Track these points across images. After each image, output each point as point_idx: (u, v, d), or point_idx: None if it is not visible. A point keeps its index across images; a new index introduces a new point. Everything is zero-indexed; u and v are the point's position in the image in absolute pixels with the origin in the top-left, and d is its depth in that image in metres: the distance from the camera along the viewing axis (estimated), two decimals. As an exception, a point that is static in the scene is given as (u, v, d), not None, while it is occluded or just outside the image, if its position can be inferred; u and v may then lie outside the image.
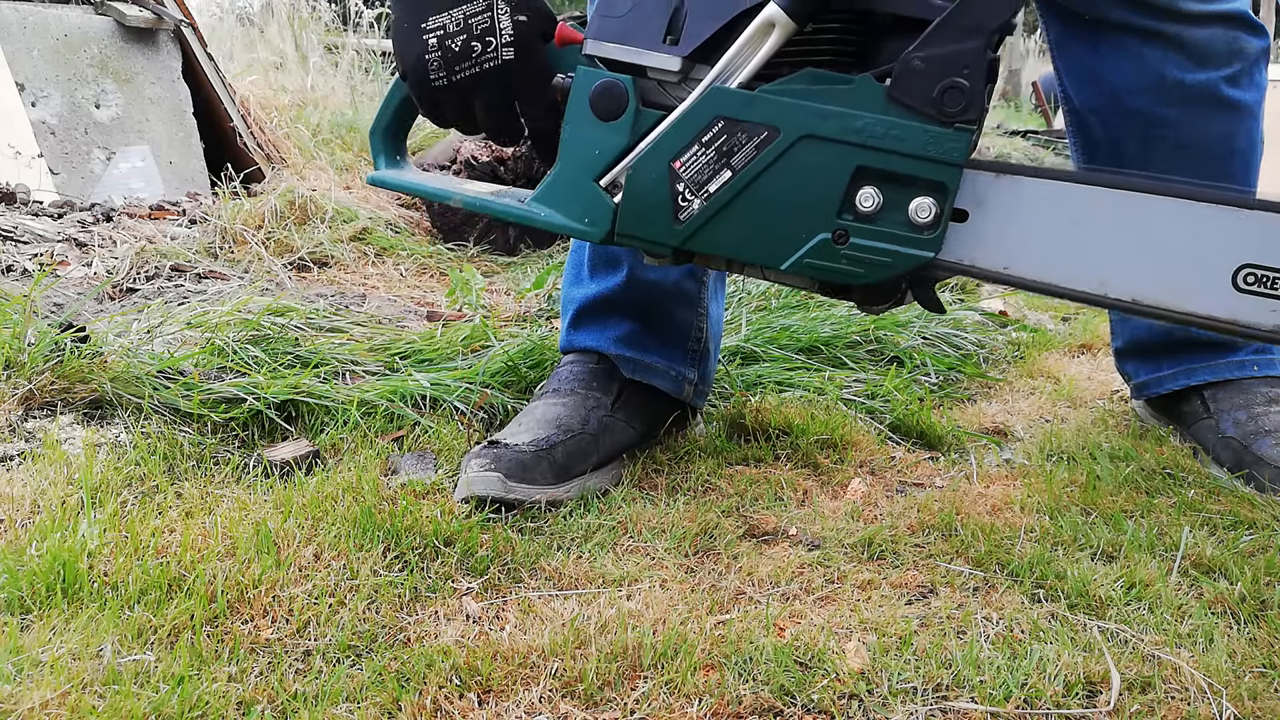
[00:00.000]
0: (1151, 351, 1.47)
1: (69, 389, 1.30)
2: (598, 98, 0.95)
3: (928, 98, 0.88)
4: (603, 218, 0.97)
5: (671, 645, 0.84)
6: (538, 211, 1.00)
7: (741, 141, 0.93)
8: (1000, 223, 0.92)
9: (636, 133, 0.95)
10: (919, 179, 0.90)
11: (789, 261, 0.94)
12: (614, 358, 1.34)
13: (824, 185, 0.92)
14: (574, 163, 0.98)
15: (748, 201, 0.94)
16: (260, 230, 2.45)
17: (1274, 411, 1.34)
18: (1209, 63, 1.28)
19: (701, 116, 0.93)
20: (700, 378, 1.40)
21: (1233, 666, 0.85)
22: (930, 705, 0.80)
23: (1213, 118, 1.30)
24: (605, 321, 1.36)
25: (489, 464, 1.13)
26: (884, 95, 0.89)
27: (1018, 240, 0.93)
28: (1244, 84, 1.32)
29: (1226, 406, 1.37)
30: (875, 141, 0.90)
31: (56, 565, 0.89)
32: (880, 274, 0.94)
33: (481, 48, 0.97)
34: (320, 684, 0.79)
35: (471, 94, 0.99)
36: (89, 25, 3.16)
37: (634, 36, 0.95)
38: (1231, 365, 1.41)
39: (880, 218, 0.92)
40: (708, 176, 0.94)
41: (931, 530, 1.11)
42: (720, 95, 0.92)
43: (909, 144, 0.89)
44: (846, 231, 0.92)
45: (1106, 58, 1.31)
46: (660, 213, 0.96)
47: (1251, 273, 0.87)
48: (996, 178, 0.92)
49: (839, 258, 0.93)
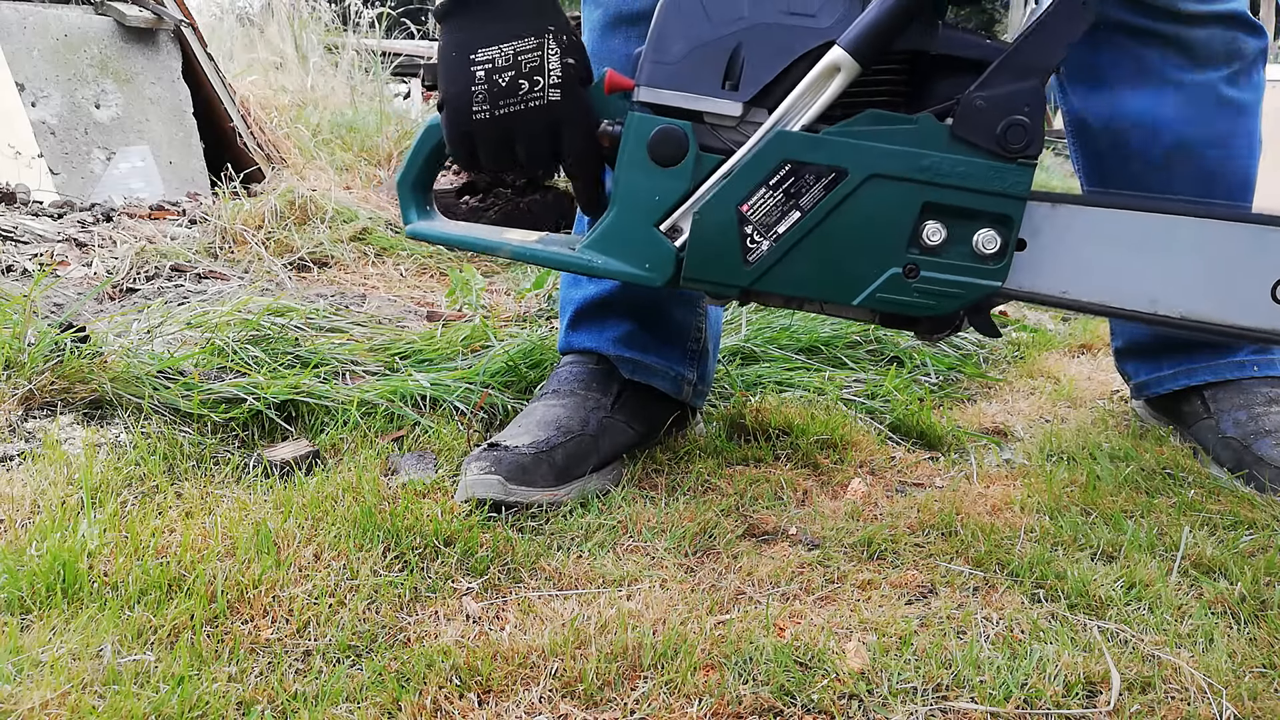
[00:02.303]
0: (1151, 351, 1.47)
1: (69, 389, 1.30)
2: (657, 144, 0.96)
3: (991, 135, 0.92)
4: (665, 263, 0.99)
5: (671, 645, 0.84)
6: (593, 259, 1.01)
7: (809, 183, 0.94)
8: (1057, 250, 0.97)
9: (697, 178, 0.97)
10: (984, 212, 0.94)
11: (861, 297, 0.97)
12: (613, 358, 1.34)
13: (893, 222, 0.95)
14: (632, 209, 0.99)
15: (818, 241, 0.96)
16: (260, 230, 2.45)
17: (1274, 412, 1.34)
18: (1208, 63, 1.29)
19: (768, 160, 0.94)
20: (699, 378, 1.40)
21: (1233, 666, 0.85)
22: (930, 705, 0.80)
23: (1212, 118, 1.30)
24: (604, 322, 1.36)
25: (489, 466, 1.13)
26: (947, 133, 0.93)
27: (1074, 266, 0.97)
28: (1242, 84, 1.32)
29: (1227, 406, 1.37)
30: (942, 178, 0.93)
31: (56, 565, 0.89)
32: (951, 304, 0.97)
33: (529, 86, 0.98)
34: (320, 684, 0.79)
35: (513, 131, 0.99)
36: (89, 25, 3.16)
37: (690, 82, 0.96)
38: (1232, 365, 1.41)
39: (946, 250, 0.95)
40: (776, 218, 0.95)
41: (931, 530, 1.11)
42: (786, 139, 0.94)
43: (975, 179, 0.93)
44: (917, 265, 0.96)
45: (1105, 58, 1.31)
46: (729, 256, 0.97)
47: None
48: (1053, 207, 0.97)
49: (910, 291, 0.96)
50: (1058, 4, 0.89)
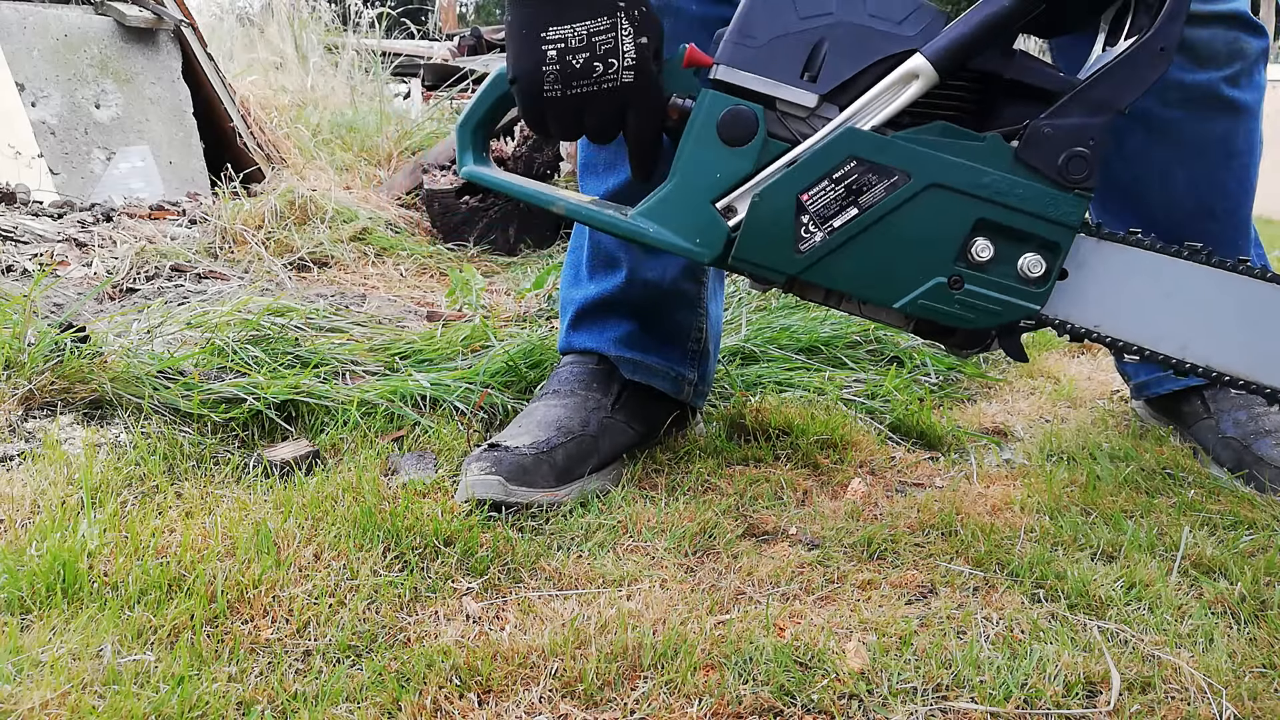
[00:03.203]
0: None
1: (69, 389, 1.30)
2: (727, 123, 0.97)
3: (1053, 163, 0.94)
4: (716, 240, 1.00)
5: (671, 645, 0.84)
6: (645, 227, 1.01)
7: (872, 182, 0.96)
8: (1097, 285, 1.00)
9: (761, 161, 0.98)
10: (1034, 236, 0.96)
11: (903, 301, 0.99)
12: (613, 359, 1.34)
13: (947, 232, 0.97)
14: (691, 183, 1.00)
15: (871, 239, 0.97)
16: (260, 230, 2.45)
17: (1274, 412, 1.34)
18: (1209, 63, 1.28)
19: (835, 154, 0.96)
20: (700, 378, 1.40)
21: (1233, 666, 0.85)
22: (930, 705, 0.80)
23: (1213, 118, 1.30)
24: (604, 322, 1.36)
25: (490, 467, 1.13)
26: (1012, 155, 0.94)
27: (1111, 303, 1.00)
28: (1244, 84, 1.32)
29: (1227, 406, 1.37)
30: (1000, 198, 0.95)
31: (56, 565, 0.89)
32: (989, 320, 0.99)
33: (603, 68, 0.98)
34: (320, 684, 0.79)
35: (584, 110, 1.00)
36: (89, 25, 3.16)
37: (770, 68, 0.97)
38: None
39: (992, 268, 0.97)
40: (834, 211, 0.97)
41: (931, 530, 1.11)
42: (855, 136, 0.95)
43: (1031, 203, 0.95)
44: (962, 278, 0.98)
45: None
46: (782, 242, 0.98)
47: None
48: (1099, 243, 0.99)
49: (953, 302, 0.98)
50: (1139, 48, 0.91)
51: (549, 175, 2.71)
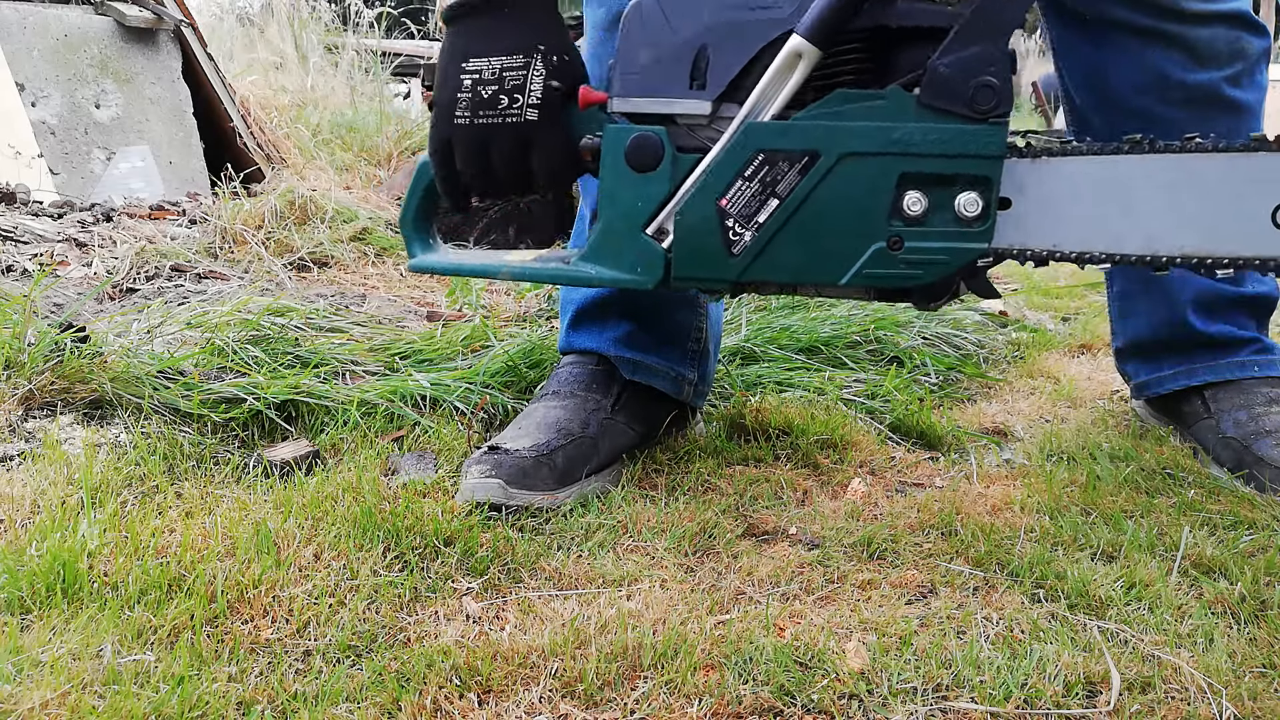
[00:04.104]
0: (1152, 352, 1.46)
1: (69, 389, 1.30)
2: (633, 152, 0.98)
3: (960, 99, 0.92)
4: (654, 265, 1.00)
5: (671, 645, 0.84)
6: (588, 270, 1.03)
7: (784, 170, 0.96)
8: (1043, 205, 0.97)
9: (676, 179, 0.98)
10: (962, 176, 0.94)
11: (848, 275, 0.98)
12: (613, 359, 1.34)
13: (872, 197, 0.95)
14: (618, 217, 1.00)
15: (799, 225, 0.97)
16: (260, 230, 2.45)
17: (1274, 412, 1.33)
18: (1211, 63, 1.28)
19: (741, 153, 0.96)
20: (700, 378, 1.40)
21: (1233, 666, 0.85)
22: (930, 705, 0.80)
23: (1214, 118, 1.30)
24: (604, 323, 1.36)
25: (490, 470, 1.13)
26: (916, 103, 0.93)
27: (1062, 218, 0.97)
28: (1245, 84, 1.32)
29: (1227, 406, 1.37)
30: (915, 148, 0.93)
31: (56, 565, 0.89)
32: (939, 271, 0.97)
33: (508, 101, 1.00)
34: (320, 684, 0.79)
35: (488, 142, 1.01)
36: (89, 25, 3.16)
37: (659, 88, 0.97)
38: (1233, 365, 1.41)
39: (929, 219, 0.95)
40: (755, 208, 0.97)
41: (931, 530, 1.11)
42: (757, 130, 0.95)
43: (948, 146, 0.93)
44: (900, 237, 0.96)
45: (1108, 58, 1.30)
46: (713, 251, 0.98)
47: None
48: (1033, 162, 0.96)
49: (897, 263, 0.97)
50: None
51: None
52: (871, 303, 1.96)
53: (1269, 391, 1.38)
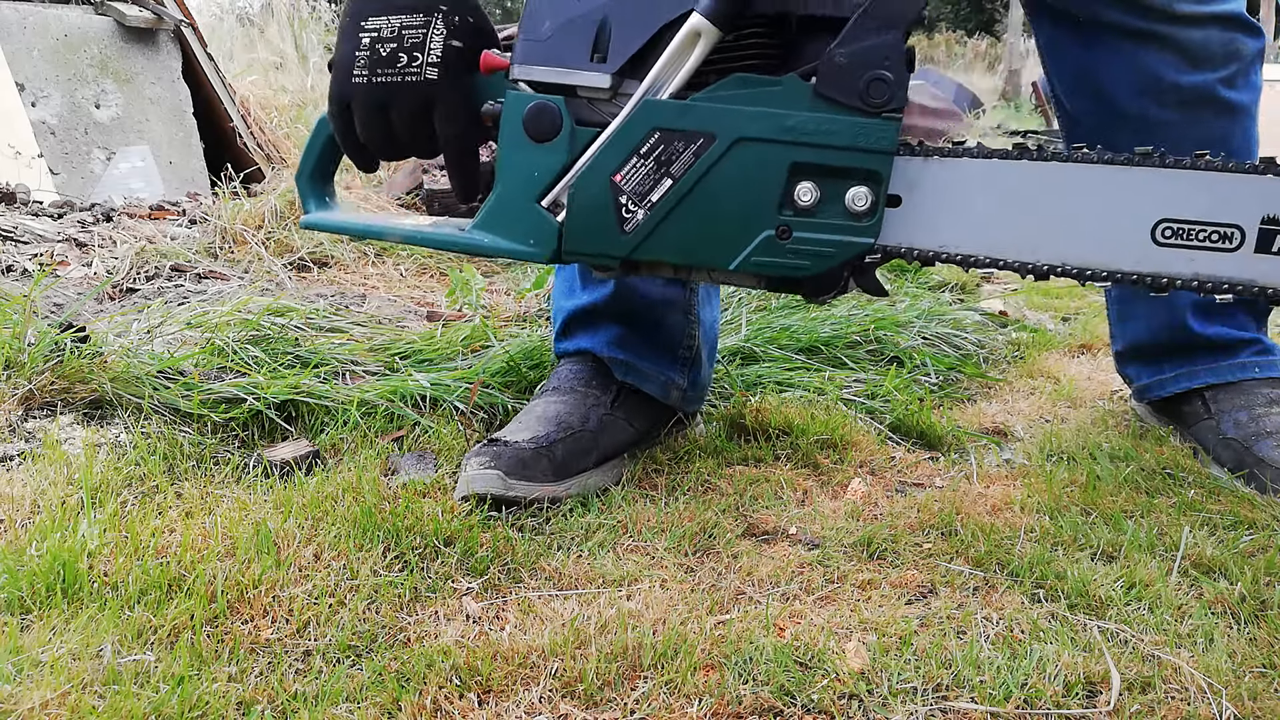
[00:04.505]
0: (1152, 355, 1.47)
1: (69, 389, 1.30)
2: (531, 120, 0.97)
3: (853, 91, 0.92)
4: (547, 238, 0.99)
5: (671, 645, 0.84)
6: (480, 238, 1.01)
7: (679, 150, 0.95)
8: (932, 204, 0.97)
9: (573, 151, 0.97)
10: (853, 169, 0.94)
11: (736, 261, 0.98)
12: (606, 359, 1.34)
13: (763, 184, 0.95)
14: (513, 186, 0.99)
15: (691, 207, 0.97)
16: (260, 230, 2.45)
17: (1275, 413, 1.33)
18: (1205, 64, 1.28)
19: (637, 130, 0.95)
20: (690, 384, 1.40)
21: (1233, 666, 0.85)
22: (930, 705, 0.80)
23: (1210, 120, 1.30)
24: (596, 325, 1.37)
25: (489, 461, 1.13)
26: (811, 93, 0.93)
27: (950, 219, 0.97)
28: (1240, 85, 1.31)
29: (1228, 407, 1.37)
30: (807, 138, 0.93)
31: (56, 565, 0.89)
32: (825, 264, 0.97)
33: (407, 60, 0.98)
34: (320, 684, 0.79)
35: (387, 101, 0.99)
36: (89, 25, 3.16)
37: (561, 58, 0.96)
38: (1234, 367, 1.41)
39: (820, 210, 0.96)
40: (649, 186, 0.96)
41: (931, 530, 1.11)
42: (654, 107, 0.95)
43: (840, 137, 0.93)
44: (789, 227, 0.96)
45: (1100, 60, 1.30)
46: (606, 226, 0.98)
47: (1169, 226, 0.94)
48: (925, 161, 0.96)
49: (784, 252, 0.97)
50: None
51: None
52: (872, 303, 1.96)
53: (1269, 392, 1.38)
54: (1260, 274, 0.94)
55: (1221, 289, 0.95)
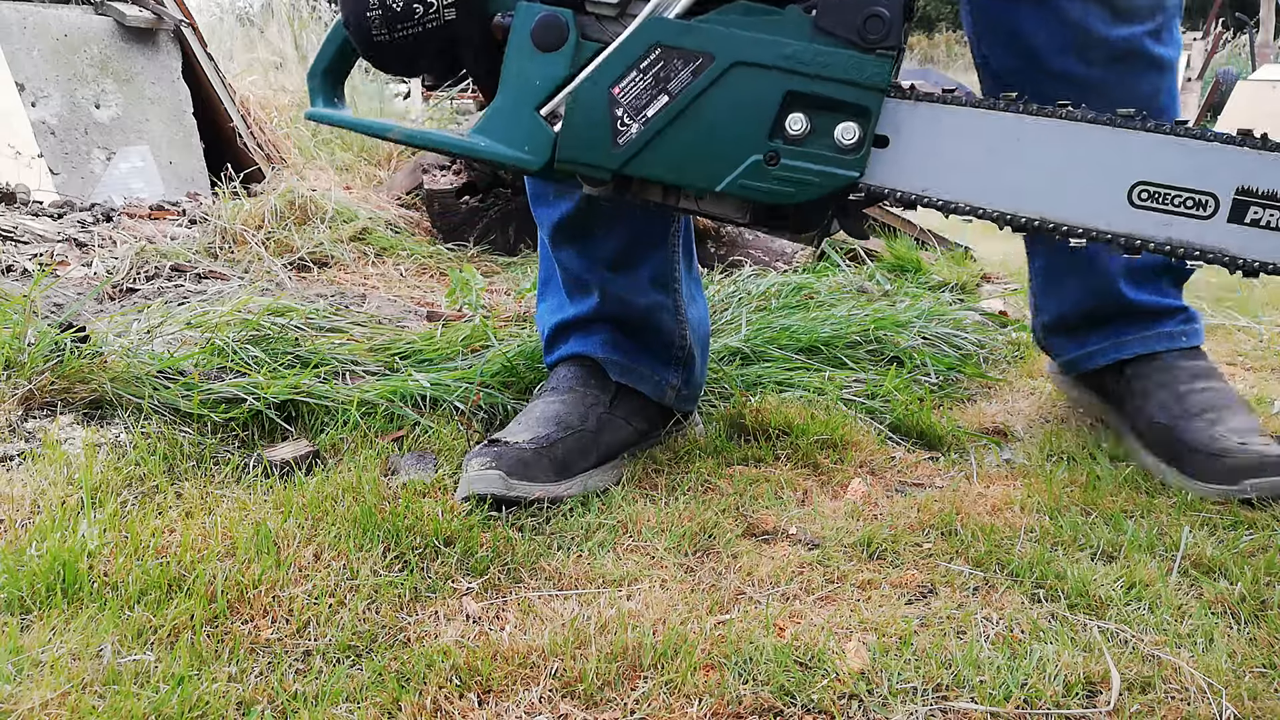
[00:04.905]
0: (1080, 326, 1.44)
1: (69, 389, 1.30)
2: (539, 30, 0.99)
3: (851, 26, 0.95)
4: (543, 146, 1.01)
5: (671, 645, 0.84)
6: (477, 142, 1.03)
7: (678, 68, 0.98)
8: (918, 148, 0.99)
9: (576, 64, 1.00)
10: (844, 103, 0.96)
11: (724, 182, 1.00)
12: (602, 361, 1.35)
13: (756, 109, 0.98)
14: (515, 94, 1.02)
15: (684, 125, 0.99)
16: (260, 230, 2.45)
17: (1198, 388, 1.32)
18: (1133, 16, 1.23)
19: (639, 44, 0.98)
20: (684, 383, 1.40)
21: (1233, 666, 0.85)
22: (930, 705, 0.80)
23: (1140, 75, 1.25)
24: (589, 332, 1.37)
25: (490, 462, 1.13)
26: (811, 24, 0.96)
27: (935, 164, 0.99)
28: (1166, 40, 1.27)
29: (1152, 387, 1.35)
30: (803, 68, 0.96)
31: (56, 565, 0.89)
32: (809, 194, 0.99)
33: (424, 10, 1.00)
34: (320, 684, 0.79)
35: (414, 50, 1.02)
36: (89, 25, 3.16)
37: None
38: (1161, 336, 1.39)
39: (809, 141, 0.98)
40: (645, 101, 0.99)
41: (931, 530, 1.11)
42: (657, 24, 0.97)
43: (834, 70, 0.95)
44: (777, 154, 0.98)
45: (1025, 15, 1.25)
46: (600, 137, 1.00)
47: (1145, 189, 0.96)
48: (914, 105, 0.98)
49: (770, 178, 0.99)
50: None
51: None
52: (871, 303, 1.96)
53: (1190, 366, 1.36)
54: (1231, 243, 0.95)
55: (1193, 255, 0.97)
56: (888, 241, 2.77)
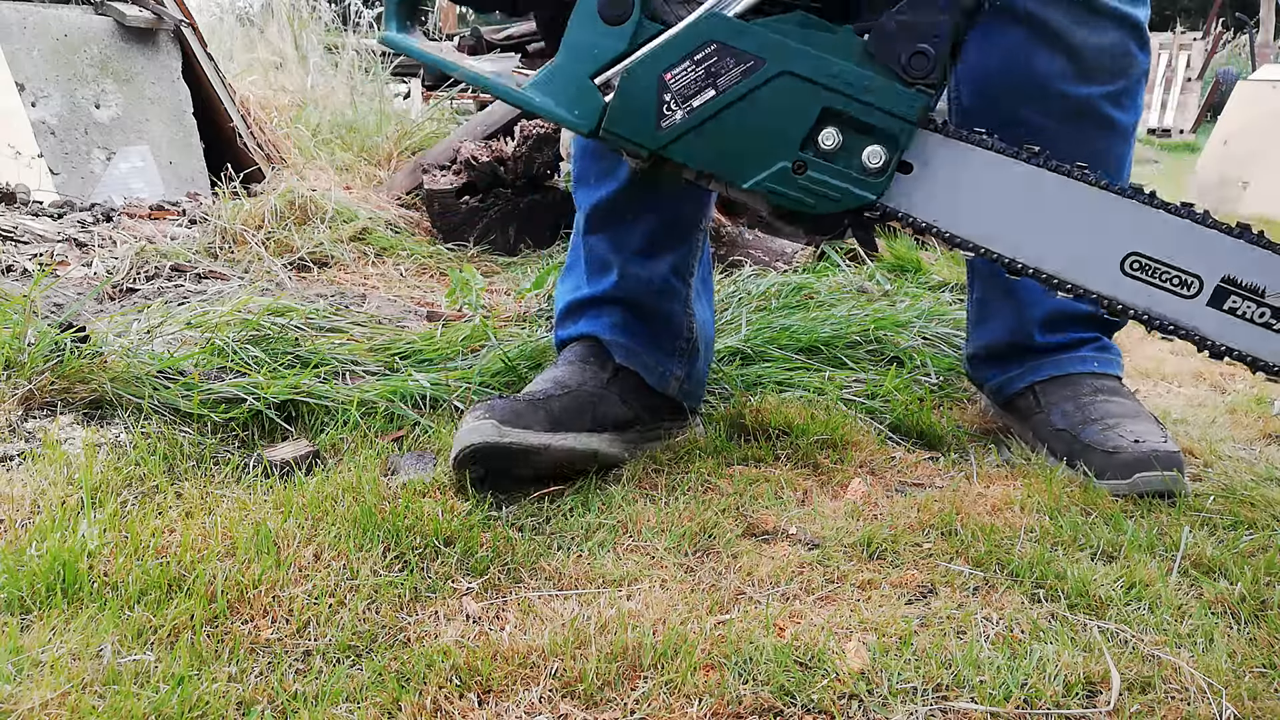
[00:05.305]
0: (1001, 355, 1.48)
1: (69, 389, 1.30)
2: (606, 4, 1.04)
3: (897, 58, 0.99)
4: (591, 112, 1.06)
5: (671, 645, 0.84)
6: (532, 96, 1.08)
7: (729, 66, 1.02)
8: (940, 181, 1.04)
9: (635, 41, 1.04)
10: (876, 128, 1.01)
11: (751, 181, 1.05)
12: (608, 343, 1.37)
13: (793, 118, 1.02)
14: (573, 59, 1.06)
15: (725, 121, 1.04)
16: (260, 230, 2.45)
17: (1099, 399, 1.36)
18: (1095, 76, 1.28)
19: (697, 37, 1.02)
20: (688, 376, 1.41)
21: (1233, 666, 0.85)
22: (930, 705, 0.80)
23: (1090, 134, 1.30)
24: (600, 313, 1.40)
25: (483, 414, 1.16)
26: (861, 48, 1.00)
27: (950, 199, 1.05)
28: (1125, 104, 1.31)
29: (1055, 400, 1.39)
30: (845, 88, 1.00)
31: (56, 565, 0.89)
32: (828, 207, 1.05)
33: None
34: (320, 684, 0.79)
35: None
36: (89, 25, 3.16)
37: None
38: (1074, 360, 1.43)
39: (837, 157, 1.03)
40: (693, 92, 1.03)
41: (931, 530, 1.11)
42: (717, 21, 1.01)
43: (873, 95, 1.00)
44: (805, 164, 1.03)
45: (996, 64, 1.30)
46: (646, 117, 1.05)
47: (1138, 260, 1.01)
48: (944, 140, 1.03)
49: (795, 186, 1.04)
50: None
51: (549, 175, 2.71)
52: (871, 303, 1.96)
53: (1094, 383, 1.40)
54: (1207, 326, 1.01)
55: (1167, 329, 1.02)
56: (888, 241, 2.77)
